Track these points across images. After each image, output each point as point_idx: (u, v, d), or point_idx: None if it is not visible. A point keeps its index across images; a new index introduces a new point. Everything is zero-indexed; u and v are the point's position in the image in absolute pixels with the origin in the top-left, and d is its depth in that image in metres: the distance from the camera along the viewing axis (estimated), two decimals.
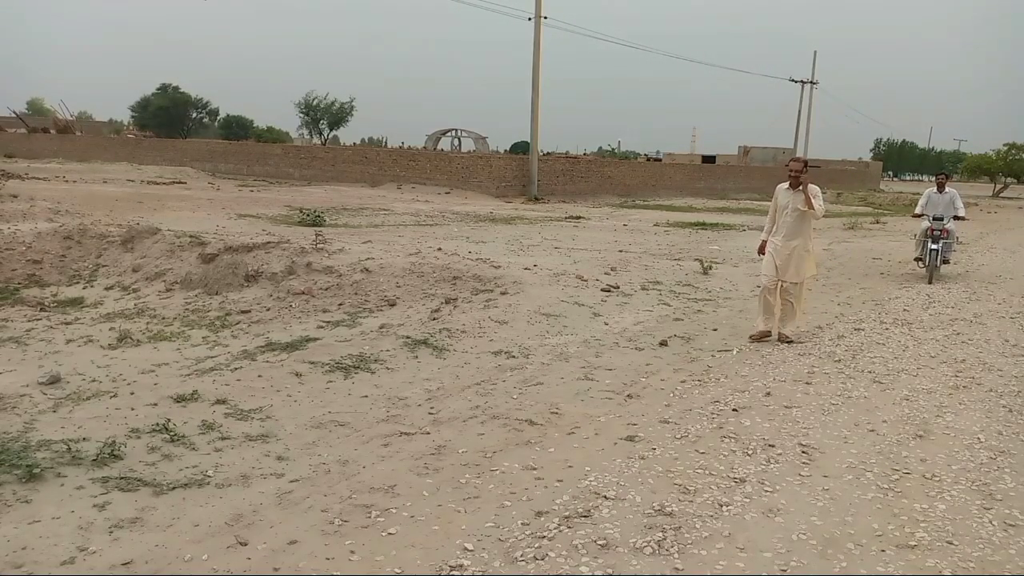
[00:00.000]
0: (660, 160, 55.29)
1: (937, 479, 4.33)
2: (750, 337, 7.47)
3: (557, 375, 6.03)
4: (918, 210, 12.25)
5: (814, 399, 5.69)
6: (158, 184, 25.45)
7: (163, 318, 7.78)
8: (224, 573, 3.17)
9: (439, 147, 44.11)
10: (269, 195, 23.16)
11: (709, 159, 55.63)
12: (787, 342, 7.38)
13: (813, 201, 7.28)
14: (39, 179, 22.89)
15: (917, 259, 12.17)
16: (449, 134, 46.87)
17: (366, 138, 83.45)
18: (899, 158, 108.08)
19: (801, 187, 7.28)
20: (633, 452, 4.57)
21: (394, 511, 3.73)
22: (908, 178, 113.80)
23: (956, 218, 11.94)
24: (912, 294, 10.56)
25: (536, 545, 3.45)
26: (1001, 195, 55.11)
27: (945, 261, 12.02)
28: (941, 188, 12.10)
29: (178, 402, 5.14)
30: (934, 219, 11.71)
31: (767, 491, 4.10)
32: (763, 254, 7.70)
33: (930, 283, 11.40)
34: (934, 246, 11.52)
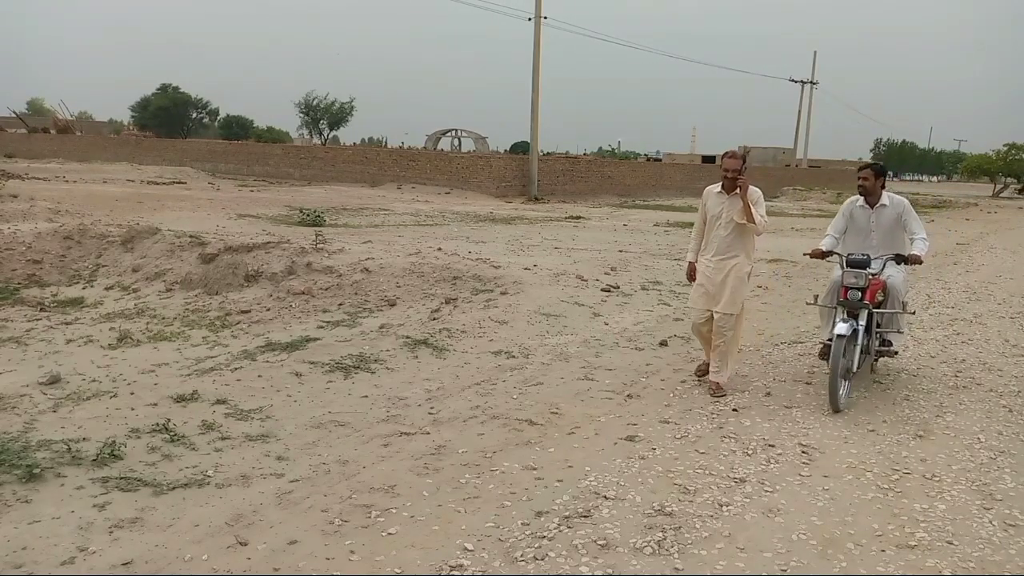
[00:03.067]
0: (660, 160, 55.34)
1: (937, 479, 4.33)
2: (697, 372, 6.07)
3: (557, 375, 6.03)
4: (824, 243, 6.05)
5: (814, 399, 5.69)
6: (158, 184, 25.45)
7: (163, 318, 7.78)
8: (224, 573, 3.17)
9: (439, 147, 44.12)
10: (269, 195, 23.15)
11: (709, 159, 55.63)
12: (718, 394, 5.61)
13: (753, 211, 5.51)
14: (39, 179, 22.88)
15: (824, 348, 5.86)
16: (449, 134, 46.88)
17: (366, 138, 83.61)
18: (899, 158, 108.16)
19: (738, 191, 5.55)
20: (633, 452, 4.57)
21: (394, 511, 3.73)
22: (908, 178, 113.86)
23: (901, 259, 5.67)
24: (912, 294, 10.54)
25: (536, 545, 3.45)
26: (1001, 195, 55.11)
27: (885, 351, 6.03)
28: (870, 196, 5.94)
29: (178, 402, 5.14)
30: (850, 264, 5.56)
31: (767, 491, 4.10)
32: (695, 279, 5.92)
33: (836, 411, 5.32)
34: (843, 328, 5.27)
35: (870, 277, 5.50)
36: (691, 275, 5.97)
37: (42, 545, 3.31)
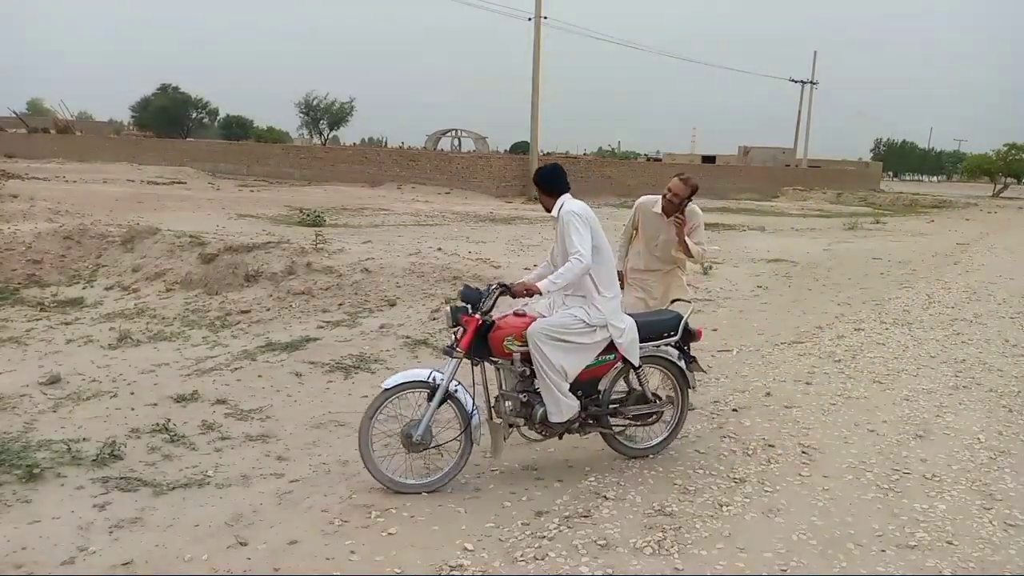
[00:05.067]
0: (660, 160, 55.28)
1: (937, 479, 4.33)
2: None
3: None
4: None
5: (814, 399, 5.69)
6: (158, 184, 25.43)
7: (163, 318, 7.77)
8: (224, 573, 3.17)
9: (439, 147, 44.08)
10: (269, 195, 23.14)
11: (709, 159, 55.62)
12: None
13: (689, 244, 5.13)
14: (39, 179, 22.87)
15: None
16: (449, 134, 46.79)
17: (366, 138, 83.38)
18: (899, 158, 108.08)
19: (676, 219, 5.14)
20: None
21: (394, 511, 3.73)
22: (908, 178, 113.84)
23: (504, 290, 4.09)
24: (912, 294, 10.55)
25: (536, 545, 3.45)
26: (1001, 195, 55.10)
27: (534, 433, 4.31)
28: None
29: (178, 402, 5.14)
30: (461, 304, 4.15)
31: (767, 491, 4.10)
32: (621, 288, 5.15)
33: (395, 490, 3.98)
34: (394, 379, 4.08)
35: (465, 314, 4.08)
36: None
37: (42, 545, 3.31)
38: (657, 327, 4.49)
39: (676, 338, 4.53)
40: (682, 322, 4.56)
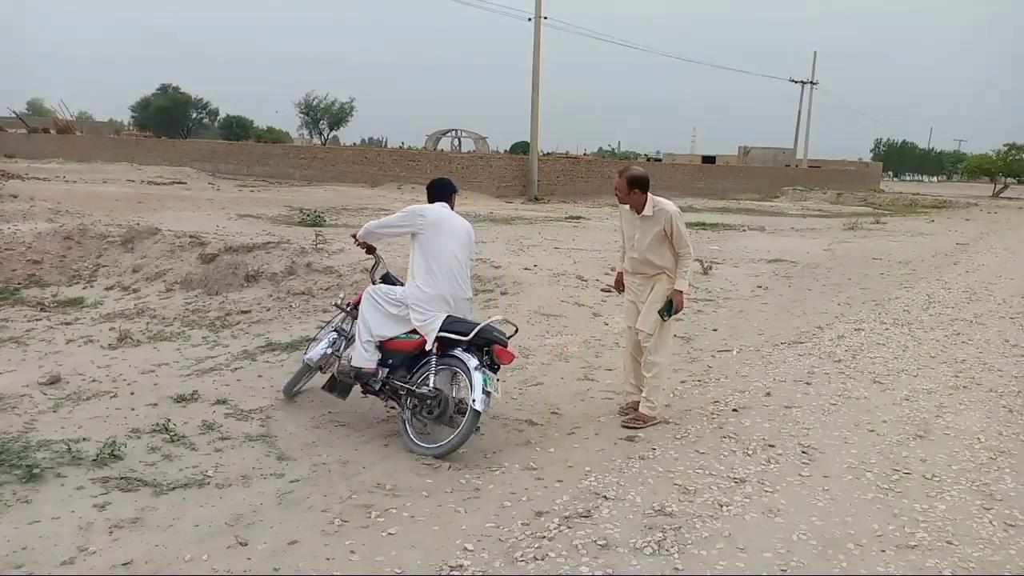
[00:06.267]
0: (660, 160, 55.30)
1: (937, 479, 4.33)
2: (620, 409, 5.29)
3: (557, 375, 6.03)
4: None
5: (814, 399, 5.69)
6: (158, 184, 25.42)
7: (163, 318, 7.78)
8: (224, 573, 3.17)
9: (439, 147, 44.06)
10: (269, 195, 23.14)
11: (709, 159, 55.62)
12: (632, 425, 4.96)
13: (681, 282, 5.07)
14: (39, 179, 22.85)
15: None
16: (449, 134, 46.76)
17: (366, 138, 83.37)
18: (899, 158, 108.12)
19: (644, 212, 5.06)
20: (633, 452, 4.58)
21: (394, 511, 3.73)
22: (908, 178, 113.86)
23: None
24: (912, 294, 10.55)
25: (536, 545, 3.45)
26: (1001, 195, 55.10)
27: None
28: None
29: (178, 402, 5.14)
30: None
31: (767, 491, 4.10)
32: (622, 290, 5.47)
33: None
34: None
35: None
36: (618, 284, 5.49)
37: (42, 545, 3.31)
38: (454, 326, 4.55)
39: (466, 340, 4.43)
40: (475, 329, 4.43)
